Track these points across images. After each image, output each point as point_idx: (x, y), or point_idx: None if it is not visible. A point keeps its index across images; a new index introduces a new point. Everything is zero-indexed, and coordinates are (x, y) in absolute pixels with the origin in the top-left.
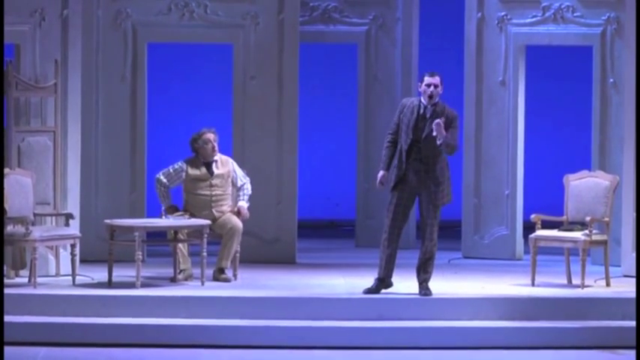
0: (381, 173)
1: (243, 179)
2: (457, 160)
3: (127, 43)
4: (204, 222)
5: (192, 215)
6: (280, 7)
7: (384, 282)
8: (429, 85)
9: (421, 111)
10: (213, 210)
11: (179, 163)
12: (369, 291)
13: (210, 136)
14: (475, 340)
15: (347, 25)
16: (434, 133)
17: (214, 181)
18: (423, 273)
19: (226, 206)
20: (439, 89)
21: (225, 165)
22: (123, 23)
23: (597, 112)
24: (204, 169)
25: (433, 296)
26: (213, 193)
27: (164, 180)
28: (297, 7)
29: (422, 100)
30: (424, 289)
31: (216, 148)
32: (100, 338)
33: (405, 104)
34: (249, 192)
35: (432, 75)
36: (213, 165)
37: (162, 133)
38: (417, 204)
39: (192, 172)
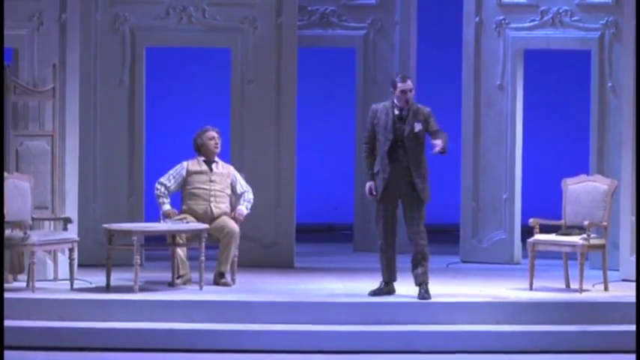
0: (369, 184)
1: (244, 187)
2: (455, 164)
3: (125, 48)
4: (202, 226)
5: (192, 216)
6: (278, 11)
7: (388, 285)
8: (403, 92)
9: (396, 112)
10: (212, 205)
11: (178, 164)
12: (374, 293)
13: (214, 133)
14: (473, 344)
15: (345, 29)
16: (435, 149)
17: (213, 177)
18: (422, 275)
19: (224, 205)
20: (413, 93)
21: (225, 168)
22: (121, 27)
23: (595, 116)
24: (204, 166)
25: (431, 300)
26: (212, 188)
27: (165, 181)
28: (295, 11)
29: (395, 102)
30: (423, 291)
31: (219, 145)
32: (98, 343)
33: (376, 109)
34: (251, 201)
35: (403, 80)
36: (214, 165)
37: (160, 137)
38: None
39: (192, 167)
